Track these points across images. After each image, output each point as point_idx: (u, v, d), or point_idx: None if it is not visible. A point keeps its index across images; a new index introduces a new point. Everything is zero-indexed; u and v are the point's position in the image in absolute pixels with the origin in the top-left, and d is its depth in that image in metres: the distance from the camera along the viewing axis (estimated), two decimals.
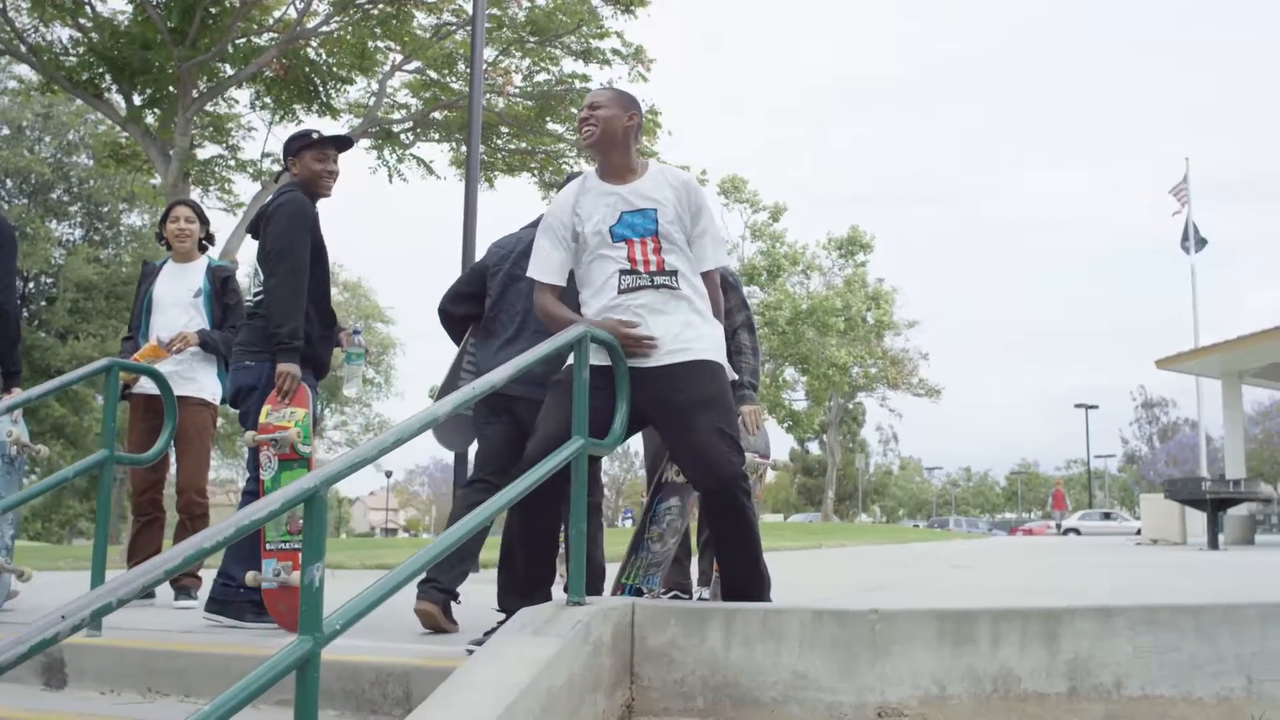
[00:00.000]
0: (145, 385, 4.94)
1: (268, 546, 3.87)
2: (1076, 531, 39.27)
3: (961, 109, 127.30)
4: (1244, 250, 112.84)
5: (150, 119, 13.40)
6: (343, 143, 4.33)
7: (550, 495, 3.50)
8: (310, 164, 4.18)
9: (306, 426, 3.88)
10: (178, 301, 5.11)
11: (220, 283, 5.16)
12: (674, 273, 3.53)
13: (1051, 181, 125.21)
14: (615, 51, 14.11)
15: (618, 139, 3.57)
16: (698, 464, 3.46)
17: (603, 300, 3.53)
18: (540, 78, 14.30)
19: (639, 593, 3.93)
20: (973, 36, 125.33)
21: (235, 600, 4.03)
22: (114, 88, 13.27)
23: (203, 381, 5.07)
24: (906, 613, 3.25)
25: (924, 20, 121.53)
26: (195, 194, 15.63)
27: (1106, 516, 43.48)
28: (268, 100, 14.02)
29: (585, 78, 14.34)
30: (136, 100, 13.27)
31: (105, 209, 27.99)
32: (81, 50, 13.02)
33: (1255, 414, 48.64)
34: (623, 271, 3.51)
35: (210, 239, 5.40)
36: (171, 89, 12.85)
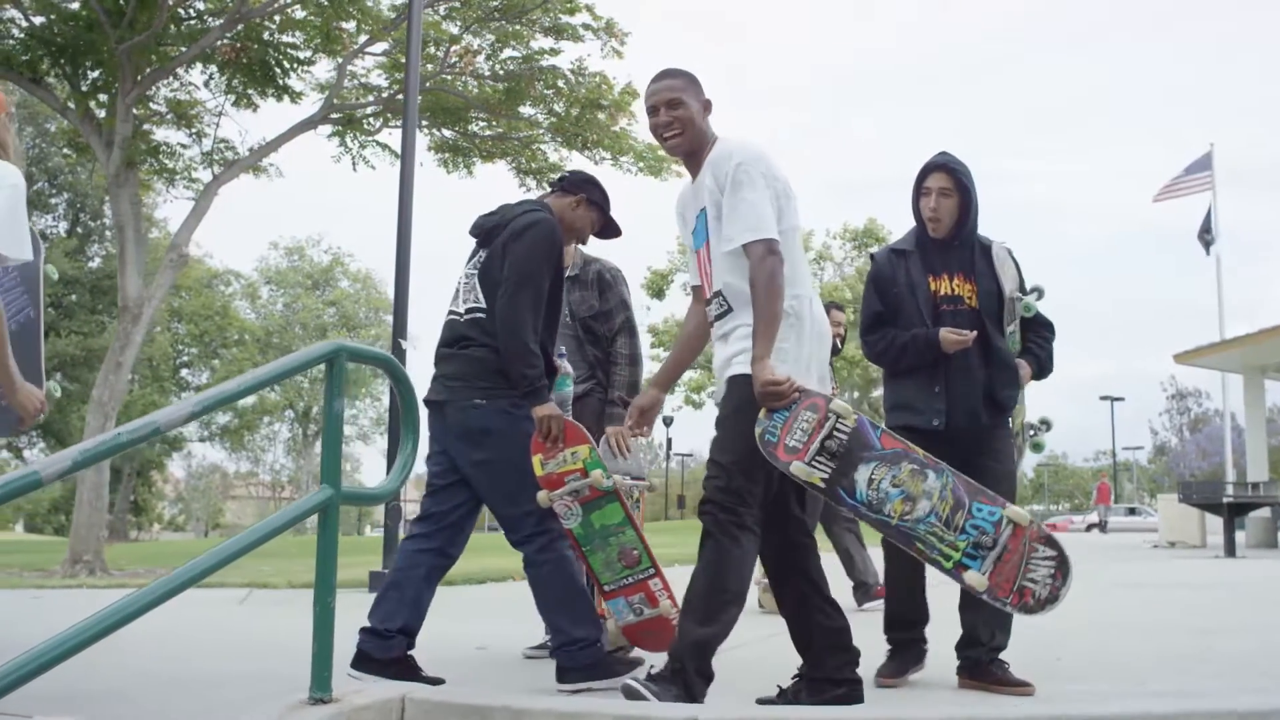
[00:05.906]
0: None
1: (606, 588, 3.69)
2: (1101, 527, 38.39)
3: (982, 93, 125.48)
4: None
5: (97, 106, 12.70)
6: (610, 230, 3.99)
7: None
8: (584, 214, 3.84)
9: (597, 460, 3.56)
10: None
11: None
12: (721, 292, 3.08)
13: (1081, 165, 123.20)
14: (587, 26, 13.36)
15: (697, 132, 3.08)
16: None
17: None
18: (507, 53, 13.55)
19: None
20: (994, 19, 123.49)
21: (577, 665, 3.48)
22: (55, 72, 12.61)
23: None
24: None
25: (934, 4, 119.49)
26: (157, 185, 14.99)
27: (1132, 512, 42.44)
28: (220, 83, 13.30)
29: (555, 51, 13.58)
30: (84, 86, 12.60)
31: (88, 200, 27.38)
32: (21, 32, 12.37)
33: None
34: (705, 302, 3.20)
35: None
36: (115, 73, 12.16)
